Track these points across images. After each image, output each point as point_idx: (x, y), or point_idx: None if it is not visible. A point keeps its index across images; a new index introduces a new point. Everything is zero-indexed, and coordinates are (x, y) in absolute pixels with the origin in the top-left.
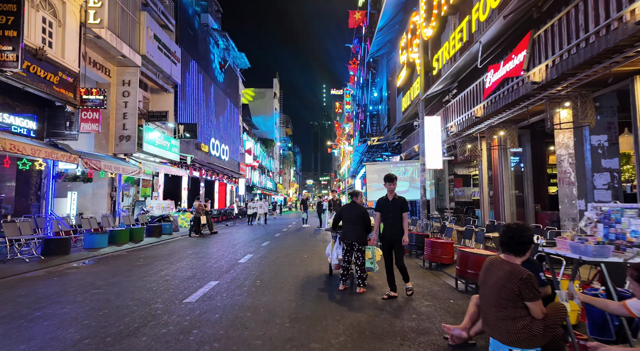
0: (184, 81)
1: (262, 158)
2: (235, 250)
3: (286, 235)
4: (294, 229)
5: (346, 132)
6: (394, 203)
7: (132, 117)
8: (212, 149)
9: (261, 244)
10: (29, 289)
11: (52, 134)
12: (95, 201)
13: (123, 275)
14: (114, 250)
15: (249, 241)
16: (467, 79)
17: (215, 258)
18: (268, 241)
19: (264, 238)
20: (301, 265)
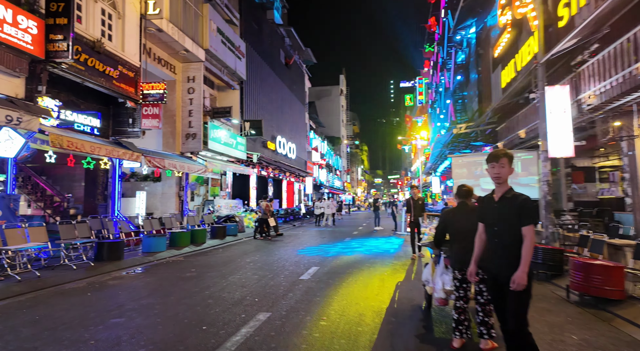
0: (249, 77)
1: (329, 156)
2: (298, 259)
3: (357, 240)
4: (366, 233)
5: (418, 126)
6: (506, 205)
7: (197, 114)
8: (279, 147)
9: (330, 250)
10: (48, 311)
11: (116, 132)
12: (164, 200)
13: (161, 294)
14: (172, 255)
15: (318, 244)
16: (622, 23)
17: (274, 271)
18: (338, 246)
19: (333, 243)
20: (382, 289)
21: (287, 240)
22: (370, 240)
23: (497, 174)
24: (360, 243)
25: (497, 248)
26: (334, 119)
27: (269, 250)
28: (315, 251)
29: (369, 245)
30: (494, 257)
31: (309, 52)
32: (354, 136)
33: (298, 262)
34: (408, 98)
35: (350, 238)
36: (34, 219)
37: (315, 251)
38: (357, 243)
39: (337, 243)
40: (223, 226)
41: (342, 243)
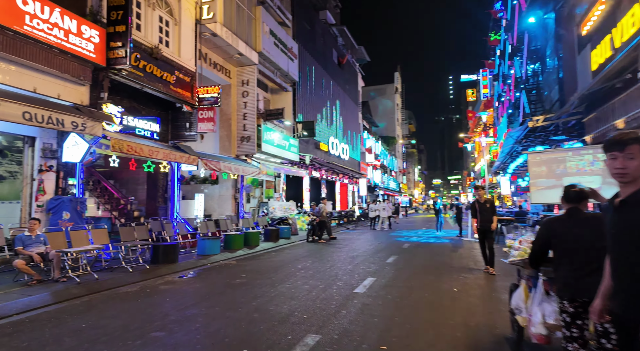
0: (301, 78)
1: (384, 157)
2: (353, 268)
3: (417, 247)
4: (426, 238)
5: (483, 122)
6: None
7: (251, 118)
8: (332, 148)
9: (386, 259)
10: (95, 318)
11: (175, 136)
12: (221, 202)
13: (207, 303)
14: (225, 258)
15: (371, 253)
16: None
17: (326, 281)
18: (395, 255)
19: (389, 250)
20: (454, 310)
21: (340, 244)
22: (433, 247)
23: (622, 170)
24: (421, 249)
25: (623, 275)
26: (388, 119)
27: (321, 255)
28: (371, 258)
29: (431, 252)
30: (618, 289)
31: (363, 50)
32: (410, 136)
33: (352, 271)
34: (470, 93)
35: (409, 244)
36: (102, 221)
37: (371, 257)
38: (417, 249)
39: (395, 248)
40: (276, 229)
41: (400, 249)
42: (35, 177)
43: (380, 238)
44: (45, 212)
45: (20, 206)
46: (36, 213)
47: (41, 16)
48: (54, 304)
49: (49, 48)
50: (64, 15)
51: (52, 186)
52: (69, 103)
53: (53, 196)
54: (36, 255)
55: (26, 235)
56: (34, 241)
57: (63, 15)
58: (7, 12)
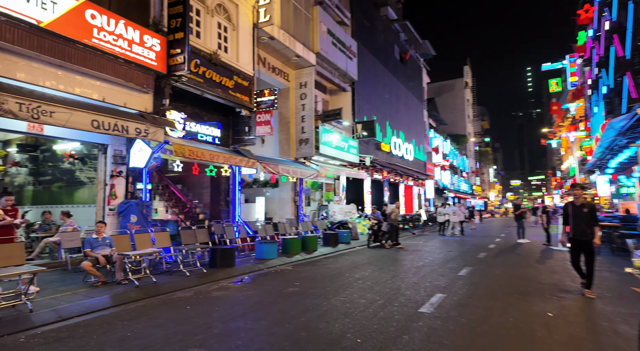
0: (361, 77)
1: (453, 157)
2: (418, 280)
3: (495, 257)
4: (506, 247)
5: (571, 115)
6: None
7: (309, 120)
8: (394, 148)
9: (458, 271)
10: (142, 326)
11: (235, 140)
12: (281, 205)
13: (255, 315)
14: (282, 262)
15: (440, 263)
16: None
17: (386, 295)
18: (468, 266)
19: (462, 260)
20: (549, 343)
21: (404, 252)
22: (515, 257)
23: None
24: (500, 260)
25: None
26: (458, 116)
27: (382, 264)
28: (440, 269)
29: (514, 264)
30: None
31: (427, 44)
32: (483, 133)
33: (417, 284)
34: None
35: (485, 253)
36: (169, 223)
37: (440, 268)
38: (495, 260)
39: (469, 258)
40: (335, 233)
41: (475, 259)
42: (107, 182)
43: (451, 245)
44: (116, 215)
45: (95, 210)
46: (108, 216)
47: (107, 28)
48: (111, 307)
49: (115, 58)
50: (128, 26)
51: (122, 190)
52: (134, 111)
53: (123, 200)
54: (101, 257)
55: (94, 238)
56: (101, 243)
57: (127, 26)
58: (77, 26)
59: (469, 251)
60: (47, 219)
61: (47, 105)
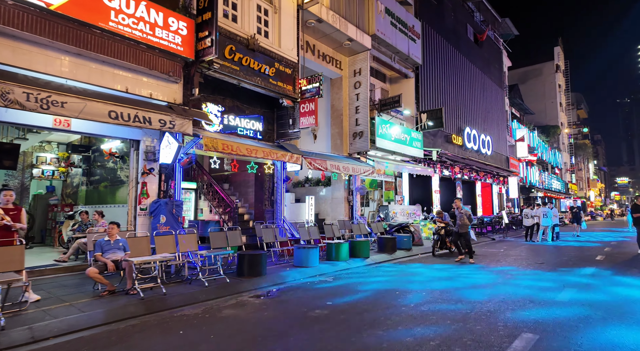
0: (426, 61)
1: (543, 150)
2: (494, 308)
3: (610, 273)
4: (622, 261)
5: None
6: None
7: (364, 110)
8: (467, 140)
9: (555, 296)
10: None
11: (280, 135)
12: (334, 205)
13: None
14: (321, 272)
15: (528, 282)
16: None
17: (446, 333)
18: (569, 287)
19: (559, 278)
20: None
21: (478, 263)
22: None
23: None
24: (614, 281)
25: None
26: (547, 104)
27: (447, 281)
28: (528, 293)
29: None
30: None
31: (508, 22)
32: (580, 123)
33: (493, 315)
34: None
35: (590, 264)
36: (210, 224)
37: (528, 291)
38: (608, 280)
39: (569, 276)
40: (392, 238)
41: (577, 276)
42: (139, 180)
43: (541, 254)
44: (148, 215)
45: (127, 209)
46: (139, 216)
47: (126, 11)
48: (97, 326)
49: (136, 44)
50: (150, 8)
51: (155, 188)
52: (162, 102)
53: (154, 199)
54: (110, 263)
55: (105, 240)
56: (112, 246)
57: (149, 8)
58: (91, 9)
59: (568, 264)
60: (84, 219)
61: (57, 95)
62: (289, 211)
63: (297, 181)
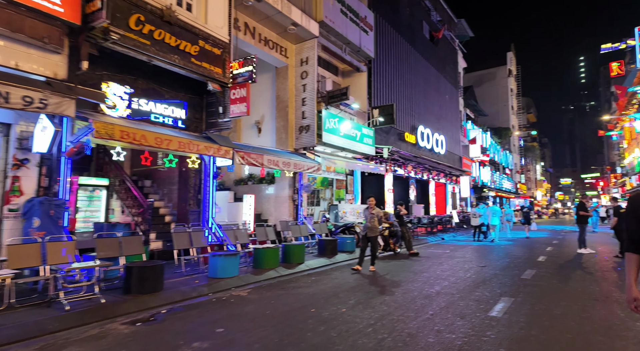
0: (379, 55)
1: (495, 151)
2: (419, 326)
3: (549, 278)
4: (562, 260)
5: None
6: None
7: (311, 102)
8: (421, 139)
9: (490, 309)
10: None
11: (210, 124)
12: (277, 205)
13: None
14: (240, 284)
15: (466, 286)
16: None
17: None
18: (507, 296)
19: (499, 283)
20: None
21: (419, 266)
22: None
23: None
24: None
25: None
26: (500, 107)
27: (377, 289)
28: (462, 301)
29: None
30: None
31: (463, 23)
32: (529, 126)
33: (414, 336)
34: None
35: (532, 269)
36: (117, 228)
37: (462, 301)
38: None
39: (509, 279)
40: (332, 241)
41: (518, 284)
42: (9, 173)
43: (486, 255)
44: (21, 218)
45: None
46: (7, 219)
47: None
48: None
49: None
50: None
51: (32, 185)
52: (40, 77)
53: (28, 198)
54: None
55: None
56: None
57: None
58: None
59: (510, 266)
60: None
61: None
62: (227, 211)
63: (239, 179)
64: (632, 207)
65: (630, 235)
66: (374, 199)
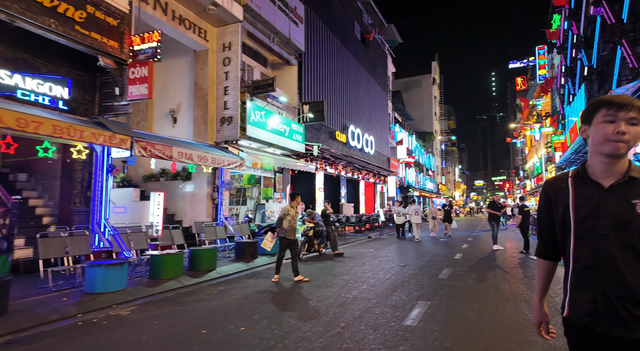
0: (310, 49)
1: (419, 153)
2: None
3: (464, 277)
4: (477, 257)
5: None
6: None
7: (234, 92)
8: (352, 139)
9: (406, 316)
10: None
11: (105, 108)
12: (194, 204)
13: None
14: (126, 299)
15: (385, 289)
16: None
17: None
18: (424, 299)
19: (417, 286)
20: None
21: (342, 267)
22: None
23: None
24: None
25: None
26: (425, 113)
27: (294, 297)
28: (377, 308)
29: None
30: None
31: (393, 29)
32: (450, 132)
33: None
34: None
35: (449, 268)
36: None
37: (377, 308)
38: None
39: (426, 281)
40: (252, 243)
41: (435, 285)
42: None
43: (408, 254)
44: None
45: None
46: None
47: None
48: None
49: None
50: None
51: None
52: None
53: None
54: None
55: None
56: None
57: None
58: None
59: (429, 265)
60: None
61: None
62: (133, 212)
63: (149, 174)
64: (544, 199)
65: (540, 233)
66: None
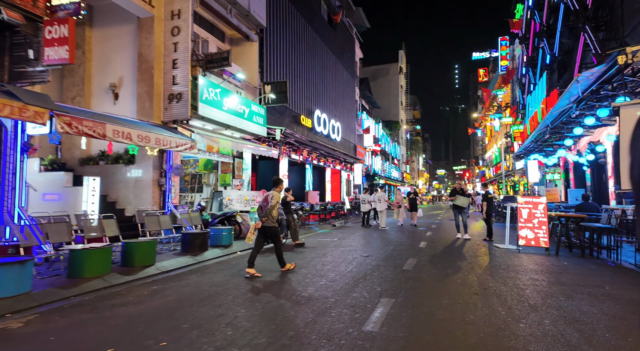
0: (273, 26)
1: (385, 142)
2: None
3: (430, 268)
4: (441, 246)
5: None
6: None
7: (184, 66)
8: (317, 124)
9: (367, 317)
10: None
11: (16, 74)
12: (138, 191)
13: None
14: (21, 308)
15: (345, 284)
16: None
17: None
18: (387, 296)
19: (380, 279)
20: None
21: (301, 259)
22: (458, 269)
23: None
24: (437, 278)
25: None
26: (392, 102)
27: (239, 298)
28: (335, 310)
29: (459, 288)
30: None
31: (361, 12)
32: (415, 122)
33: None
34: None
35: (414, 258)
36: None
37: (337, 307)
38: (430, 277)
39: (390, 273)
40: (201, 234)
41: (400, 278)
42: None
43: (371, 245)
44: None
45: None
46: None
47: None
48: None
49: None
50: None
51: None
52: None
53: None
54: None
55: None
56: None
57: None
58: None
59: (393, 256)
60: None
61: None
62: (65, 199)
63: (86, 157)
64: None
65: None
66: None
